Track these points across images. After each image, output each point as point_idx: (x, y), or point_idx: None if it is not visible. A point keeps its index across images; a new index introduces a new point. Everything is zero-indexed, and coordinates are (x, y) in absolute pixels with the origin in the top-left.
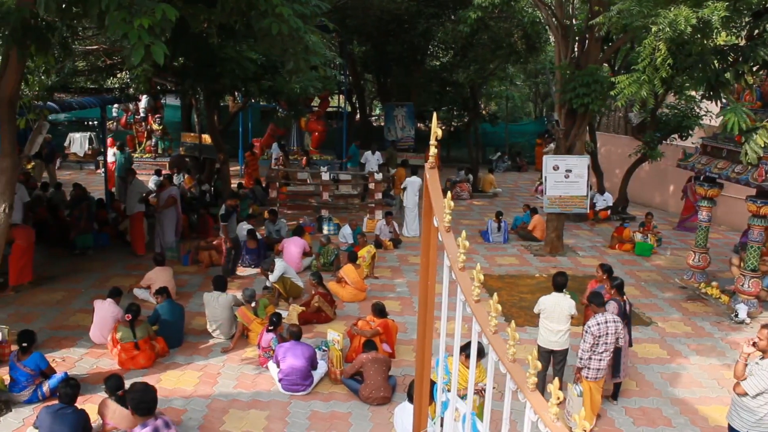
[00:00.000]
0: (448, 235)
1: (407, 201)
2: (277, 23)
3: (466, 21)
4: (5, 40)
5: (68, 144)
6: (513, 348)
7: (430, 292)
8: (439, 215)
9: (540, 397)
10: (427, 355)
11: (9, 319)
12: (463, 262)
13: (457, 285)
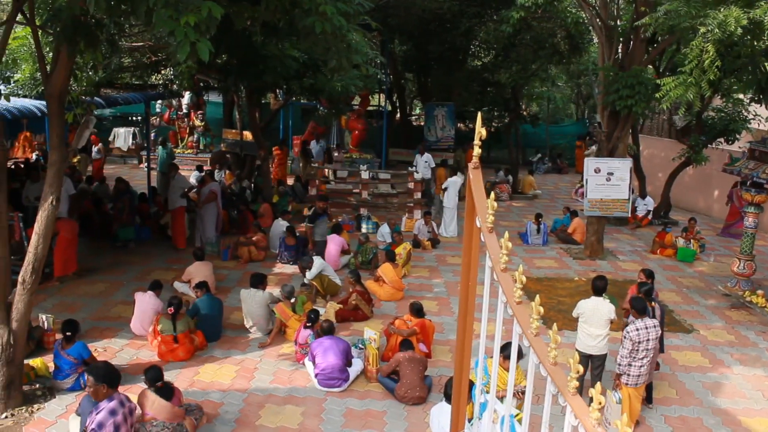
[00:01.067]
0: (491, 236)
1: (448, 201)
2: (321, 21)
3: (509, 21)
4: (56, 37)
5: (112, 139)
6: (554, 351)
7: (471, 292)
8: (482, 215)
9: (581, 402)
10: (467, 356)
11: (53, 309)
12: (505, 263)
13: (499, 286)
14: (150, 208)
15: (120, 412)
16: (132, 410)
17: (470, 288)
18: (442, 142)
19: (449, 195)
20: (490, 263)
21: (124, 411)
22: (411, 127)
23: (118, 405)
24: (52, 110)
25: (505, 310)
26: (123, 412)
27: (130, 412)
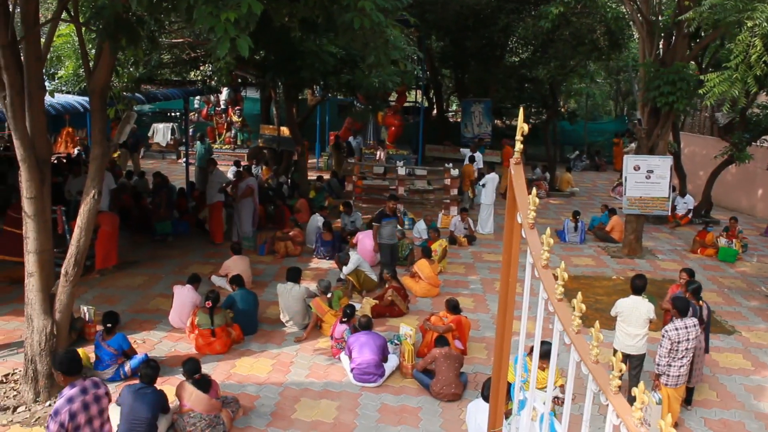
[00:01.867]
0: (532, 232)
1: (485, 198)
2: (360, 17)
3: (548, 16)
4: (99, 34)
5: (152, 134)
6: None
7: (510, 289)
8: (524, 211)
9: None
10: (505, 353)
11: (94, 301)
12: (546, 259)
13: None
14: (188, 203)
15: (78, 399)
16: (99, 396)
17: (510, 285)
18: (478, 139)
19: (487, 192)
20: (531, 260)
21: (85, 398)
22: (447, 124)
23: (78, 392)
24: (94, 106)
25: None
26: (83, 399)
27: (95, 398)
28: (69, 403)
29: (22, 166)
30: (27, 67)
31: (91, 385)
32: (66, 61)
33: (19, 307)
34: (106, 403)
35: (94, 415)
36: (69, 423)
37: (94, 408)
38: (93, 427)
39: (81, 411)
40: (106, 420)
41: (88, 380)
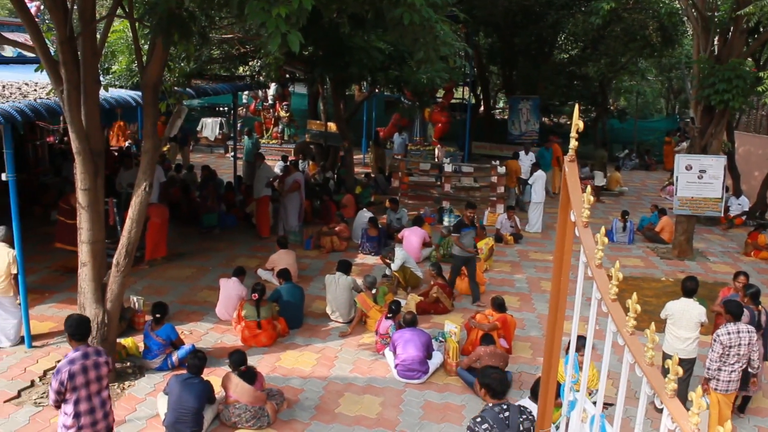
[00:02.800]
0: (586, 231)
1: (536, 196)
2: (409, 13)
3: (599, 12)
4: (153, 30)
5: (200, 128)
6: (651, 351)
7: (563, 288)
8: (577, 209)
9: (679, 405)
10: (555, 353)
11: (143, 291)
12: (600, 258)
13: (593, 282)
14: (236, 197)
15: (78, 362)
16: (98, 364)
17: (562, 284)
18: (525, 136)
19: (536, 190)
20: (584, 259)
21: (84, 362)
22: (494, 121)
23: (80, 356)
24: (146, 100)
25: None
26: (83, 363)
27: (95, 365)
28: (70, 364)
29: (77, 158)
30: (84, 62)
31: (93, 351)
32: (119, 56)
33: (72, 295)
34: (105, 371)
35: (92, 380)
36: (67, 382)
37: (92, 373)
38: (90, 391)
39: (79, 373)
40: (104, 387)
41: (92, 347)
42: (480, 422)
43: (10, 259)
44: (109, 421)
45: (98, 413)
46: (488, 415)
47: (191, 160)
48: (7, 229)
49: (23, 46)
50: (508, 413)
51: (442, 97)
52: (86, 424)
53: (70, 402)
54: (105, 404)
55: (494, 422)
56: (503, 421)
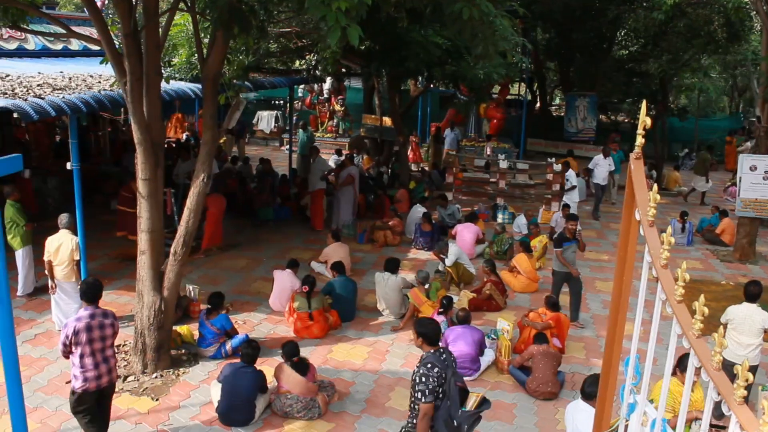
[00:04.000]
0: (651, 230)
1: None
2: (469, 7)
3: (662, 7)
4: (213, 23)
5: (256, 121)
6: (719, 355)
7: (624, 288)
8: (643, 208)
9: (749, 412)
10: (616, 354)
11: (199, 281)
12: (666, 259)
13: (658, 283)
14: (290, 189)
15: (84, 320)
16: (103, 324)
17: (624, 284)
18: (582, 134)
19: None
20: (648, 259)
21: (90, 322)
22: (550, 118)
23: (87, 315)
24: (206, 92)
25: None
26: (88, 322)
27: (100, 325)
28: (76, 321)
29: (138, 149)
30: (146, 54)
31: (100, 313)
32: (180, 49)
33: (130, 282)
34: (109, 332)
35: (95, 338)
36: (72, 337)
37: (96, 332)
38: (93, 348)
39: (84, 331)
40: (108, 346)
41: (100, 309)
42: (431, 367)
43: (73, 246)
44: (112, 377)
45: (102, 368)
46: (433, 359)
47: (247, 153)
48: (70, 217)
49: (89, 39)
50: (444, 355)
51: (498, 93)
52: (90, 377)
53: (77, 354)
54: (108, 361)
55: (439, 364)
56: (444, 362)
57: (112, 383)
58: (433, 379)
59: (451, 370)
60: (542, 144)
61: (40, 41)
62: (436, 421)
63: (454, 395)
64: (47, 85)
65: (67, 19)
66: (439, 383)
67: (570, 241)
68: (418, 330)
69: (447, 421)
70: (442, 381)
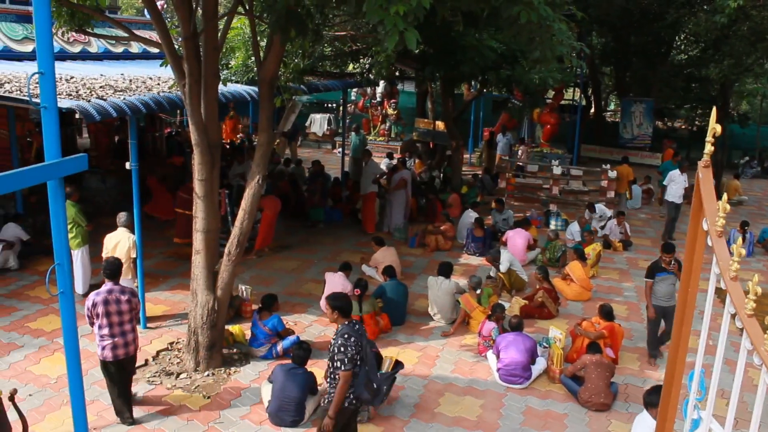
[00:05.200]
0: (720, 241)
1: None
2: (527, 11)
3: (724, 10)
4: (271, 26)
5: (309, 124)
6: None
7: (690, 300)
8: (711, 218)
9: None
10: (679, 368)
11: (251, 281)
12: (736, 270)
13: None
14: (342, 192)
15: (103, 295)
16: (119, 300)
17: (689, 295)
18: (638, 140)
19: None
20: (717, 270)
21: (107, 296)
22: (605, 124)
23: (105, 291)
24: (262, 95)
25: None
26: (105, 296)
27: (116, 300)
28: (96, 295)
29: (195, 150)
30: (205, 57)
31: (118, 290)
32: (236, 52)
33: (183, 281)
34: (126, 308)
35: (112, 312)
36: (92, 308)
37: (113, 306)
38: (110, 321)
39: (101, 304)
40: (126, 320)
41: (119, 286)
42: (348, 337)
43: (130, 244)
44: (129, 350)
45: (118, 340)
46: (348, 330)
47: (299, 155)
48: (128, 215)
49: (149, 42)
50: (357, 326)
51: (552, 98)
52: (107, 347)
53: (97, 324)
54: (126, 335)
55: (354, 334)
56: (358, 331)
57: (129, 356)
58: (350, 348)
59: (365, 338)
60: (596, 150)
61: (103, 44)
62: (357, 386)
63: (371, 360)
64: (109, 87)
65: (128, 22)
66: (356, 351)
67: (665, 272)
68: (332, 304)
69: (367, 384)
70: (359, 349)
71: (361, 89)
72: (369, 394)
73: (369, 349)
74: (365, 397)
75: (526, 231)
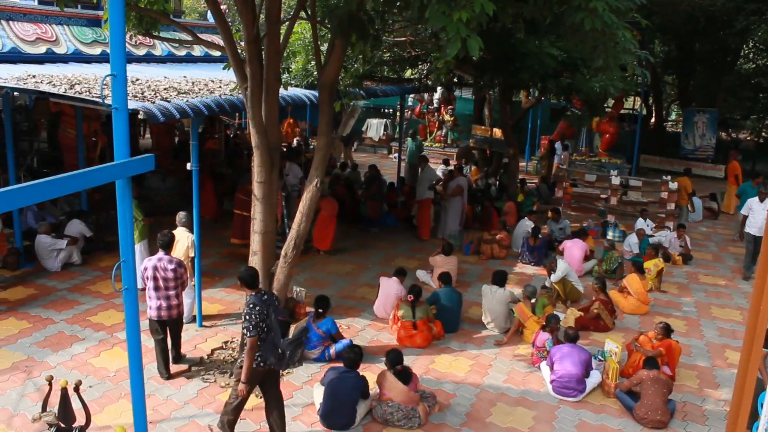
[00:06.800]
0: None
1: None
2: (591, 18)
3: None
4: (333, 31)
5: (365, 129)
6: None
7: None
8: None
9: None
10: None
11: (305, 283)
12: None
13: None
14: (398, 197)
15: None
16: (165, 269)
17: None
18: (700, 151)
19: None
20: None
21: (156, 263)
22: (666, 134)
23: (156, 259)
24: (323, 99)
25: None
26: (155, 264)
27: (163, 268)
28: (148, 262)
29: (255, 152)
30: (267, 60)
31: (167, 260)
32: (297, 56)
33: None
34: (171, 275)
35: (159, 278)
36: (144, 272)
37: (160, 272)
38: (157, 284)
39: (150, 269)
40: (171, 287)
41: (167, 257)
42: (253, 306)
43: (189, 243)
44: (171, 313)
45: (162, 303)
46: (255, 300)
47: (355, 159)
48: (188, 215)
49: (212, 45)
50: (266, 296)
51: (612, 107)
52: (153, 307)
53: (146, 288)
54: (170, 299)
55: (261, 303)
56: (266, 301)
57: (173, 318)
58: (254, 316)
59: (273, 308)
60: (656, 161)
61: (166, 47)
62: (265, 351)
63: (276, 327)
64: (172, 89)
65: (191, 27)
66: (261, 319)
67: None
68: (239, 277)
69: (273, 350)
70: (264, 317)
71: (418, 95)
72: (274, 358)
73: (275, 318)
74: (271, 361)
75: (583, 241)
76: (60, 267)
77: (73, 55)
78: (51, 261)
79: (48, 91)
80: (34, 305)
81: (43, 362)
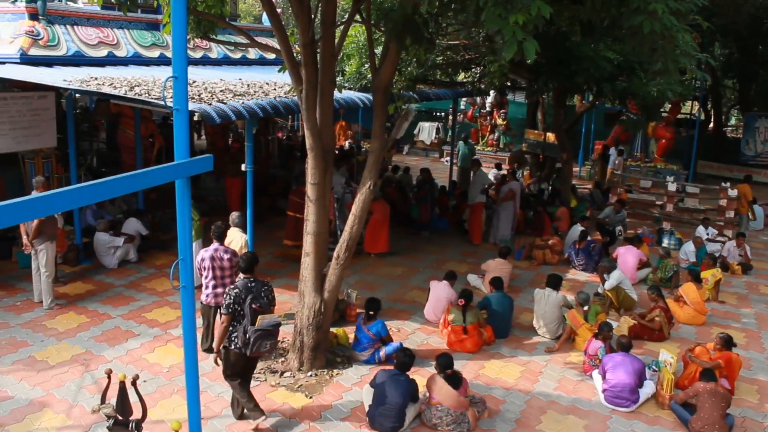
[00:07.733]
0: None
1: None
2: (650, 21)
3: None
4: (387, 34)
5: (417, 132)
6: None
7: None
8: None
9: None
10: None
11: (356, 285)
12: None
13: None
14: (449, 201)
15: (210, 251)
16: (222, 258)
17: None
18: (761, 158)
19: None
20: None
21: (213, 254)
22: (724, 139)
23: (212, 249)
24: (377, 101)
25: None
26: (212, 254)
27: (219, 257)
28: (204, 252)
29: (309, 154)
30: (322, 63)
31: (222, 249)
32: (351, 59)
33: (290, 282)
34: (226, 264)
35: (215, 267)
36: (200, 263)
37: (216, 262)
38: (214, 273)
39: (208, 259)
40: (226, 276)
41: (222, 247)
42: (233, 289)
43: (242, 243)
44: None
45: (219, 290)
46: (240, 284)
47: (406, 163)
48: (241, 216)
49: (268, 48)
50: (253, 284)
51: (668, 111)
52: (209, 294)
53: (204, 276)
54: (226, 287)
55: (242, 288)
56: (249, 288)
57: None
58: (230, 297)
59: (252, 295)
60: (715, 167)
61: (222, 50)
62: (239, 335)
63: (248, 314)
64: (228, 91)
65: (247, 30)
66: (236, 301)
67: None
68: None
69: (241, 335)
70: (239, 300)
71: (471, 99)
72: (241, 343)
73: (249, 305)
74: (238, 345)
75: (638, 249)
76: (117, 264)
77: (132, 58)
78: (108, 258)
79: (110, 93)
80: (92, 300)
81: (100, 356)
